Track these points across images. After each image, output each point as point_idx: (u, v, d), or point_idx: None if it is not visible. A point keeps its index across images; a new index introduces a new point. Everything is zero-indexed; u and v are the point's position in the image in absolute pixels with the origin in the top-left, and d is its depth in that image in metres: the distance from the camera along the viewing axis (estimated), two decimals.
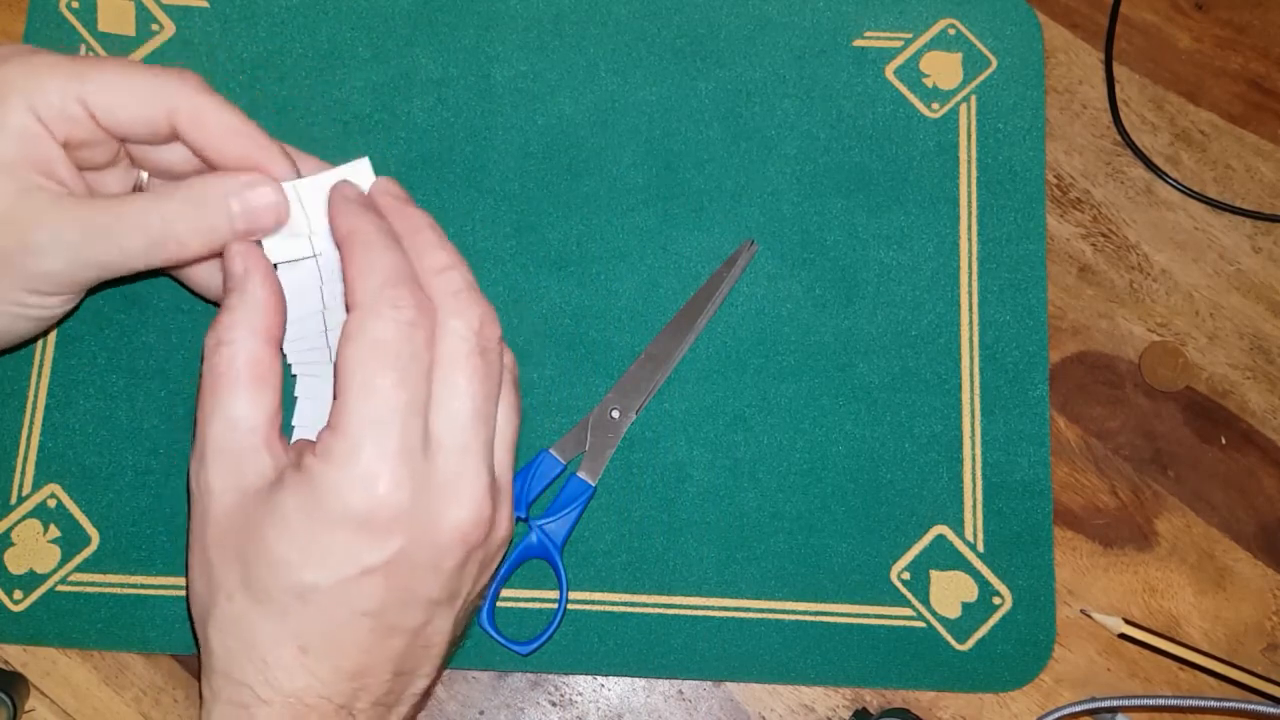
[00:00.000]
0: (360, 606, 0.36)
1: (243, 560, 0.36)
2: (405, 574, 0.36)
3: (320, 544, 0.35)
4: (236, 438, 0.36)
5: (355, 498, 0.35)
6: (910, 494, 0.49)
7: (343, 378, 0.35)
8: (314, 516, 0.35)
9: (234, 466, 0.36)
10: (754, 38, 0.53)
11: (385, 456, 0.35)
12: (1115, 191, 0.53)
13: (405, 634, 0.37)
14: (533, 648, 0.46)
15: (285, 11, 0.53)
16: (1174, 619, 0.49)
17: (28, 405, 0.49)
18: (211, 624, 0.36)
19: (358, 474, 0.35)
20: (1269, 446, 0.51)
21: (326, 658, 0.36)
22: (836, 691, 0.48)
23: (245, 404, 0.37)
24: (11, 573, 0.47)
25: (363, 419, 0.35)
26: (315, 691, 0.36)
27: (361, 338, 0.35)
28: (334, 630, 0.36)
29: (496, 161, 0.52)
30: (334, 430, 0.35)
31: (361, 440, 0.35)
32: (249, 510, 0.36)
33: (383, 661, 0.37)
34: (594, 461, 0.48)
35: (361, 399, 0.35)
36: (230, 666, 0.36)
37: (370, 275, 0.36)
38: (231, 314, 0.37)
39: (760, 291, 0.51)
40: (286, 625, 0.35)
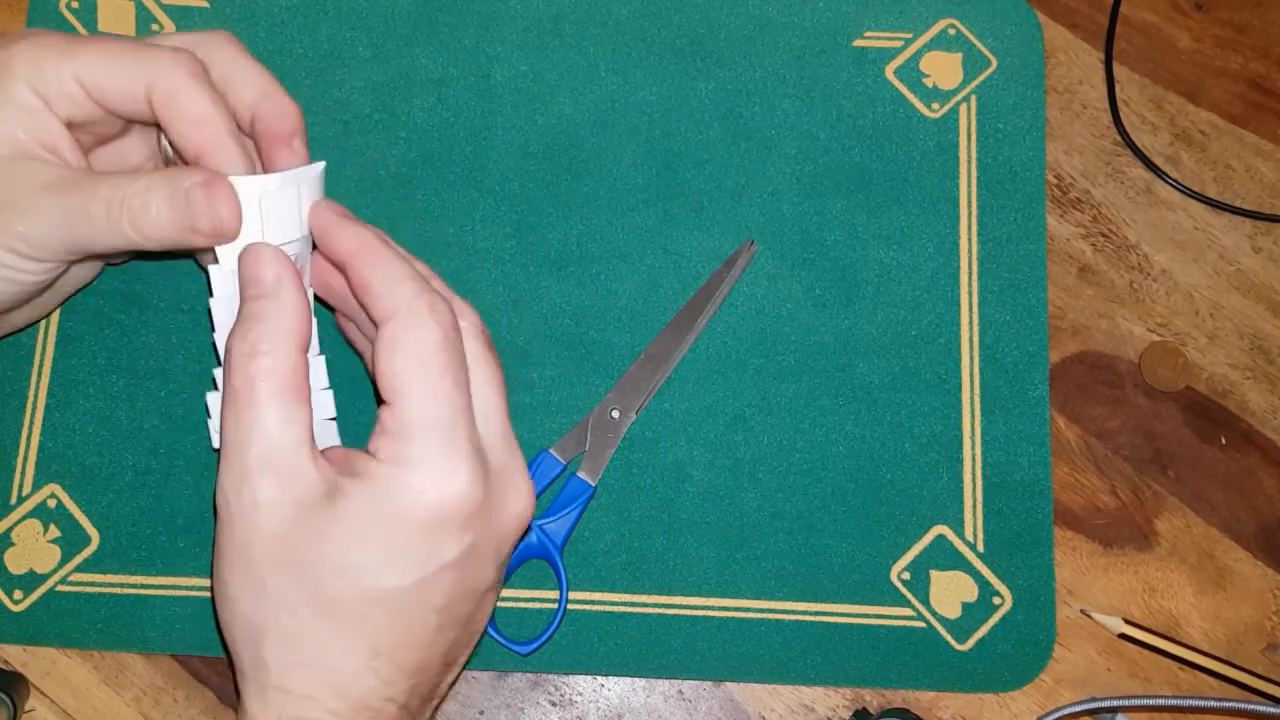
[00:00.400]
0: (433, 603, 0.36)
1: (307, 573, 0.35)
2: (473, 566, 0.37)
3: (401, 547, 0.35)
4: (283, 452, 0.36)
5: (433, 498, 0.35)
6: (910, 494, 0.49)
7: (398, 383, 0.36)
8: (392, 520, 0.35)
9: (284, 481, 0.35)
10: (754, 38, 0.53)
11: (459, 455, 0.36)
12: (1115, 191, 0.53)
13: (460, 624, 0.38)
14: (533, 648, 0.46)
15: (285, 11, 0.53)
16: (1174, 619, 0.49)
17: (28, 405, 0.49)
18: (269, 642, 0.35)
19: (433, 475, 0.35)
20: (1269, 446, 0.51)
21: (393, 658, 0.36)
22: (836, 691, 0.48)
23: (288, 417, 0.36)
24: (11, 573, 0.47)
25: (430, 421, 0.35)
26: (380, 694, 0.36)
27: (410, 344, 0.36)
28: (405, 629, 0.36)
29: (496, 161, 0.52)
30: (399, 435, 0.35)
31: (432, 442, 0.35)
32: (308, 523, 0.35)
33: (438, 655, 0.38)
34: (594, 461, 0.48)
35: (425, 402, 0.36)
36: (293, 681, 0.35)
37: (399, 283, 0.37)
38: (265, 323, 0.36)
39: (760, 291, 0.51)
40: (360, 632, 0.35)
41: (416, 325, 0.36)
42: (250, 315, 0.37)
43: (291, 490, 0.35)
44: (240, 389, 0.36)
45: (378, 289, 0.37)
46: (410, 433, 0.36)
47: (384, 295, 0.37)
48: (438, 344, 0.36)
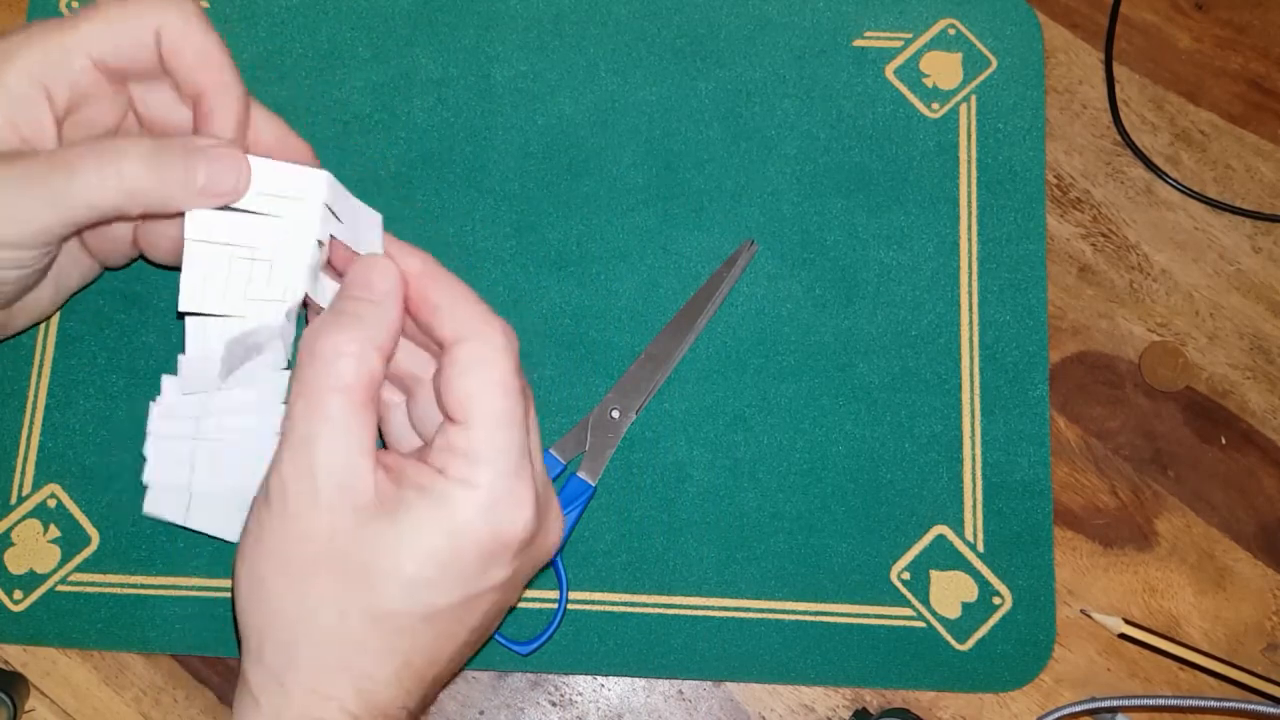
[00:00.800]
0: (470, 622, 0.37)
1: (361, 580, 0.35)
2: (512, 589, 0.38)
3: (457, 566, 0.35)
4: (351, 457, 0.35)
5: (499, 525, 0.36)
6: (910, 494, 0.49)
7: (473, 405, 0.36)
8: (456, 540, 0.35)
9: (346, 485, 0.35)
10: (754, 38, 0.53)
11: (526, 487, 0.36)
12: (1115, 191, 0.53)
13: (479, 642, 0.39)
14: (533, 648, 0.46)
15: (285, 11, 0.53)
16: (1174, 619, 0.49)
17: (28, 405, 0.49)
18: (307, 640, 0.35)
19: (503, 503, 0.36)
20: (1269, 446, 0.51)
21: (420, 671, 0.36)
22: (836, 691, 0.48)
23: (364, 426, 0.35)
24: (11, 573, 0.47)
25: (504, 448, 0.36)
26: (399, 702, 0.36)
27: (492, 368, 0.36)
28: (440, 645, 0.36)
29: (496, 161, 0.52)
30: (471, 457, 0.36)
31: (504, 469, 0.36)
32: (369, 530, 0.35)
33: (453, 668, 0.39)
34: (594, 461, 0.48)
35: (501, 428, 0.36)
36: (320, 682, 0.35)
37: (469, 305, 0.37)
38: (363, 326, 0.36)
39: (760, 291, 0.51)
40: (400, 643, 0.36)
41: (493, 348, 0.36)
42: (350, 313, 0.36)
43: (352, 496, 0.35)
44: (322, 387, 0.35)
45: (447, 310, 0.37)
46: (483, 457, 0.36)
47: (455, 316, 0.37)
48: (512, 370, 0.37)
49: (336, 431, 0.35)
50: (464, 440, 0.36)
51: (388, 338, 0.37)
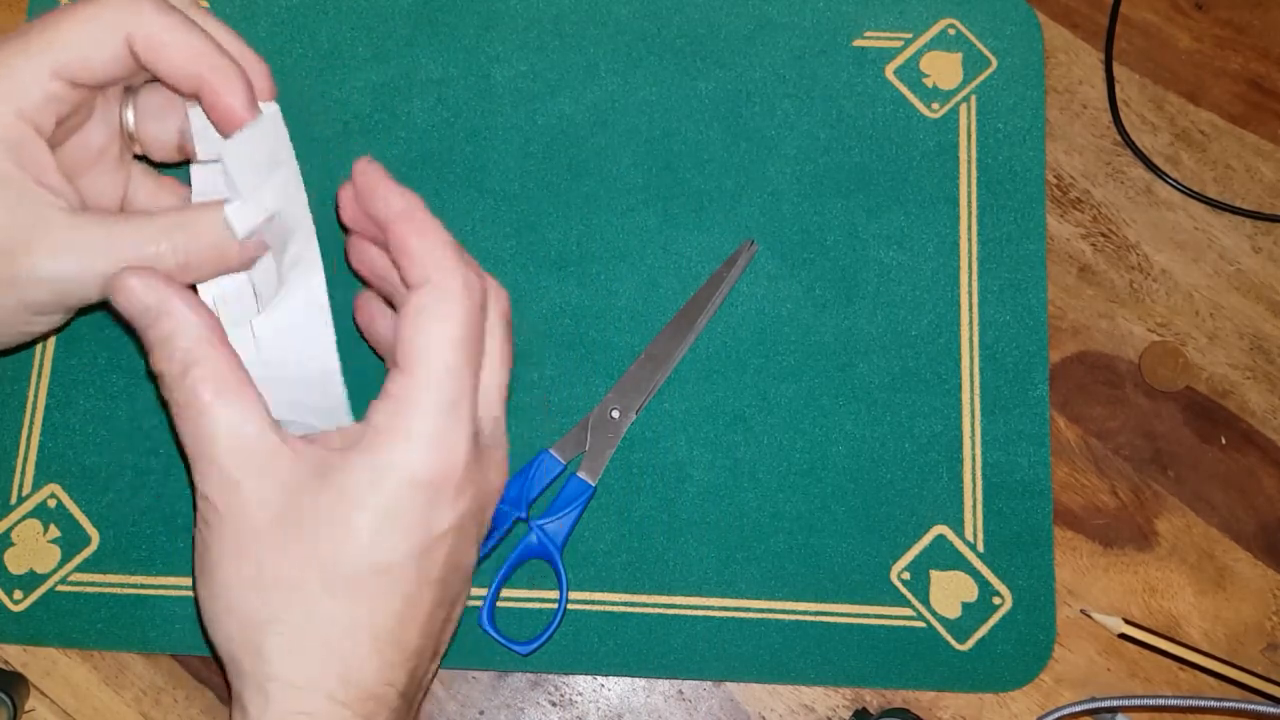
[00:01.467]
0: (430, 575, 0.36)
1: (308, 552, 0.35)
2: (462, 539, 0.38)
3: (402, 516, 0.35)
4: (250, 442, 0.36)
5: (430, 468, 0.35)
6: (910, 494, 0.49)
7: (415, 353, 0.36)
8: (392, 491, 0.35)
9: (264, 468, 0.35)
10: (754, 38, 0.53)
11: (462, 431, 0.36)
12: (1115, 191, 0.53)
13: (448, 605, 0.38)
14: (533, 648, 0.46)
15: (285, 11, 0.53)
16: (1174, 619, 0.49)
17: (28, 405, 0.49)
18: (270, 631, 0.35)
19: (433, 448, 0.35)
20: (1269, 446, 0.51)
21: (395, 637, 0.36)
22: (836, 691, 0.48)
23: (246, 408, 0.36)
24: (11, 573, 0.47)
25: (437, 398, 0.36)
26: (384, 677, 0.36)
27: (436, 316, 0.36)
28: (405, 606, 0.36)
29: (496, 161, 0.52)
30: (404, 403, 0.36)
31: (435, 417, 0.36)
32: (303, 501, 0.35)
33: (432, 637, 0.38)
34: (594, 461, 0.48)
35: (442, 379, 0.36)
36: (295, 671, 0.35)
37: (438, 250, 0.37)
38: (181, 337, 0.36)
39: (760, 291, 0.51)
40: (364, 606, 0.35)
41: (446, 298, 0.36)
42: (161, 339, 0.37)
43: (275, 475, 0.35)
44: (186, 403, 0.36)
45: (416, 253, 0.37)
46: (416, 404, 0.36)
47: (421, 260, 0.36)
48: (462, 320, 0.36)
49: (226, 429, 0.35)
50: (399, 387, 0.36)
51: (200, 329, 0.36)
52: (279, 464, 0.36)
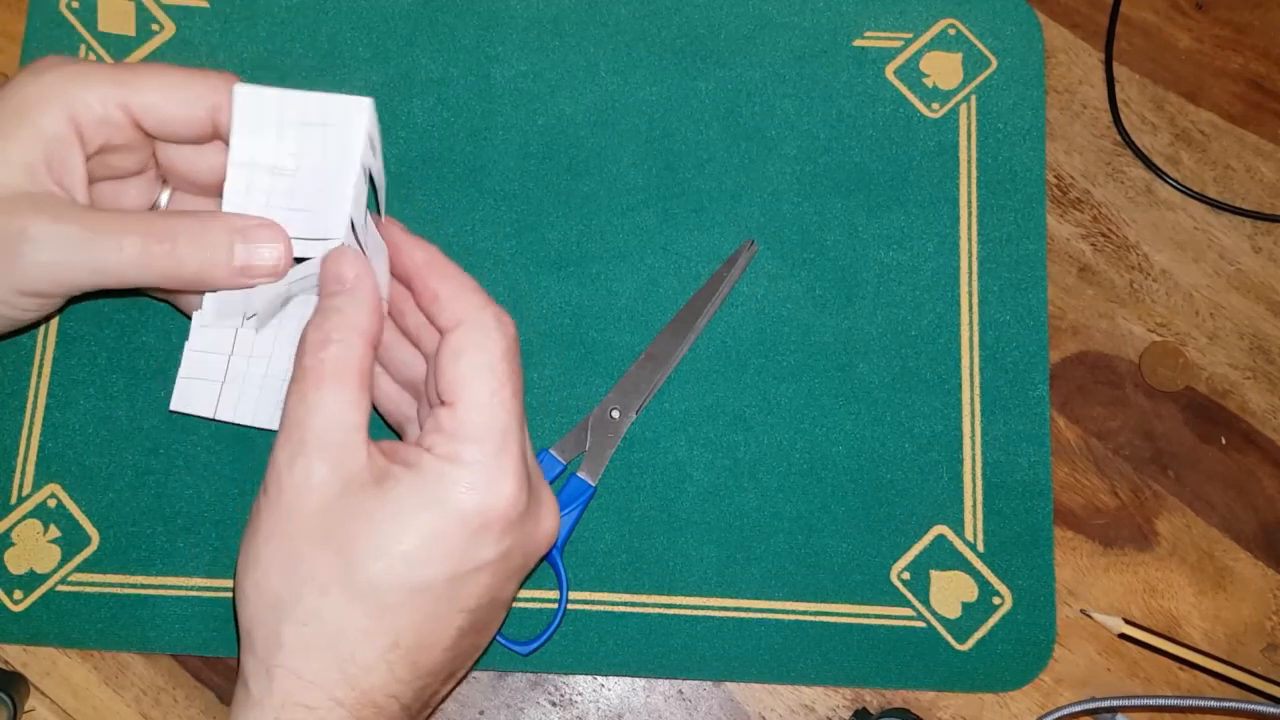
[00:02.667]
0: (462, 604, 0.37)
1: (345, 551, 0.35)
2: (503, 574, 0.38)
3: (442, 539, 0.36)
4: (343, 433, 0.37)
5: (482, 498, 0.36)
6: (910, 494, 0.49)
7: (461, 385, 0.37)
8: (438, 512, 0.36)
9: (339, 460, 0.36)
10: (754, 38, 0.53)
11: (511, 462, 0.37)
12: (1115, 191, 0.53)
13: (476, 633, 0.39)
14: (533, 648, 0.46)
15: (285, 11, 0.53)
16: (1174, 619, 0.49)
17: (28, 405, 0.49)
18: (290, 620, 0.35)
19: (486, 477, 0.36)
20: (1269, 446, 0.51)
21: (410, 654, 0.36)
22: (836, 691, 0.48)
23: (352, 401, 0.37)
24: (11, 573, 0.47)
25: (489, 426, 0.37)
26: (389, 689, 0.36)
27: (477, 350, 0.37)
28: (430, 626, 0.36)
29: (496, 161, 0.52)
30: (456, 435, 0.36)
31: (489, 446, 0.36)
32: (354, 503, 0.36)
33: (452, 663, 0.38)
34: (594, 461, 0.48)
35: (487, 407, 0.37)
36: (305, 664, 0.35)
37: (467, 293, 0.39)
38: (342, 315, 0.38)
39: (760, 291, 0.51)
40: (385, 620, 0.36)
41: (484, 333, 0.38)
42: (328, 309, 0.38)
43: (343, 470, 0.36)
44: (309, 370, 0.37)
45: (446, 298, 0.38)
46: (468, 434, 0.36)
47: (452, 304, 0.38)
48: (503, 353, 0.38)
49: (325, 411, 0.37)
50: (451, 420, 0.37)
51: (367, 322, 0.38)
52: (352, 461, 0.36)
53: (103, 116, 0.39)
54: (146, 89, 0.39)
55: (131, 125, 0.40)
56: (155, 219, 0.39)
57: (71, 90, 0.38)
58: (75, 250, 0.38)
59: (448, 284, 0.39)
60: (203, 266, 0.38)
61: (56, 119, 0.38)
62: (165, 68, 0.40)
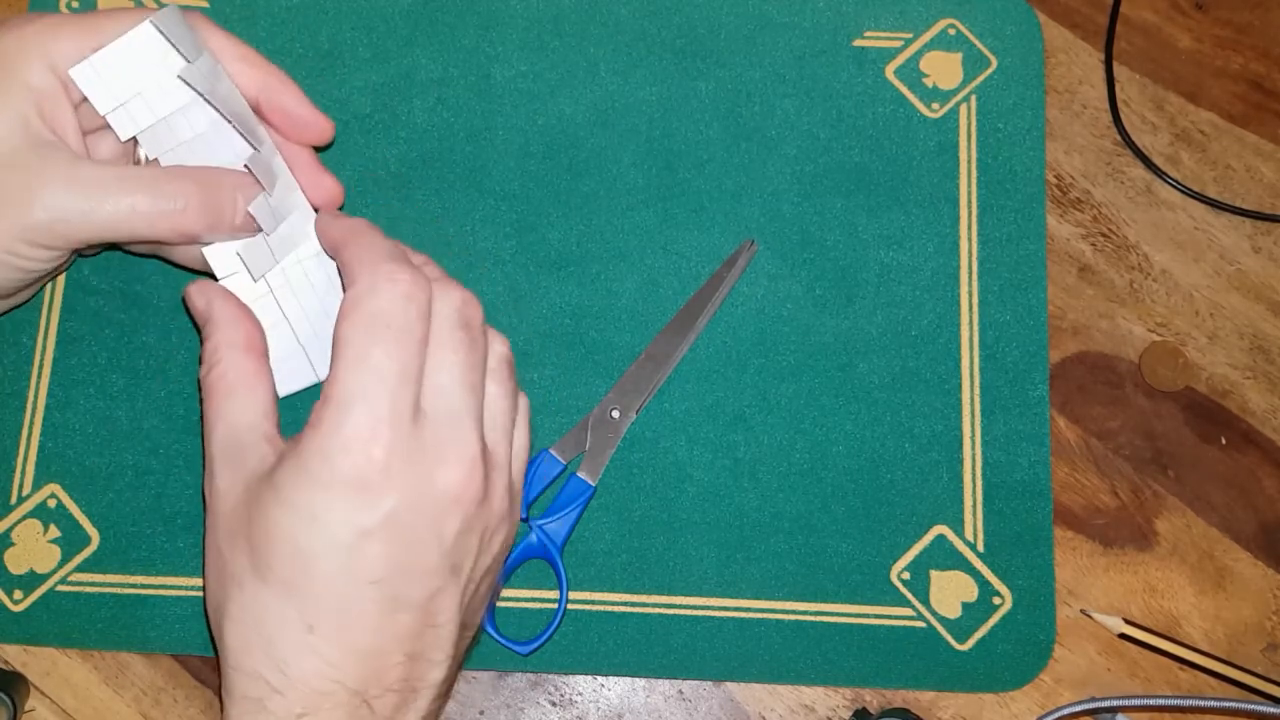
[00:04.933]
0: (363, 575, 0.36)
1: (250, 544, 0.36)
2: (403, 538, 0.36)
3: (315, 509, 0.35)
4: (237, 436, 0.39)
5: (345, 461, 0.35)
6: (910, 494, 0.49)
7: (338, 349, 0.37)
8: (307, 483, 0.36)
9: (238, 462, 0.38)
10: (754, 38, 0.53)
11: (374, 420, 0.36)
12: (1115, 191, 0.53)
13: (411, 609, 0.37)
14: (533, 648, 0.46)
15: (285, 11, 0.53)
16: (1174, 619, 0.49)
17: (28, 405, 0.49)
18: (225, 617, 0.37)
19: (346, 437, 0.36)
20: (1269, 446, 0.51)
21: (334, 636, 0.36)
22: (836, 691, 0.48)
23: (240, 405, 0.39)
24: (11, 573, 0.47)
25: (353, 387, 0.36)
26: (326, 675, 0.36)
27: (357, 311, 0.37)
28: (340, 604, 0.36)
29: (496, 161, 0.52)
30: (325, 399, 0.37)
31: (350, 406, 0.36)
32: (252, 496, 0.37)
33: (392, 640, 0.36)
34: (594, 461, 0.48)
35: (353, 368, 0.36)
36: (242, 658, 0.36)
37: (368, 254, 0.39)
38: (212, 339, 0.41)
39: (760, 291, 0.51)
40: (292, 601, 0.36)
41: (368, 294, 0.37)
42: (203, 340, 0.41)
43: (244, 471, 0.38)
44: (204, 394, 0.40)
45: (350, 263, 0.39)
46: (334, 397, 0.36)
47: (353, 268, 0.39)
48: (380, 312, 0.37)
49: (223, 422, 0.39)
50: (326, 384, 0.37)
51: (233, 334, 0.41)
52: (250, 459, 0.38)
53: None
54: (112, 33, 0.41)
55: None
56: (163, 175, 0.41)
57: (49, 43, 0.40)
58: (86, 206, 0.39)
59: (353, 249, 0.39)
60: (209, 219, 0.41)
61: (40, 72, 0.40)
62: (133, 12, 0.41)
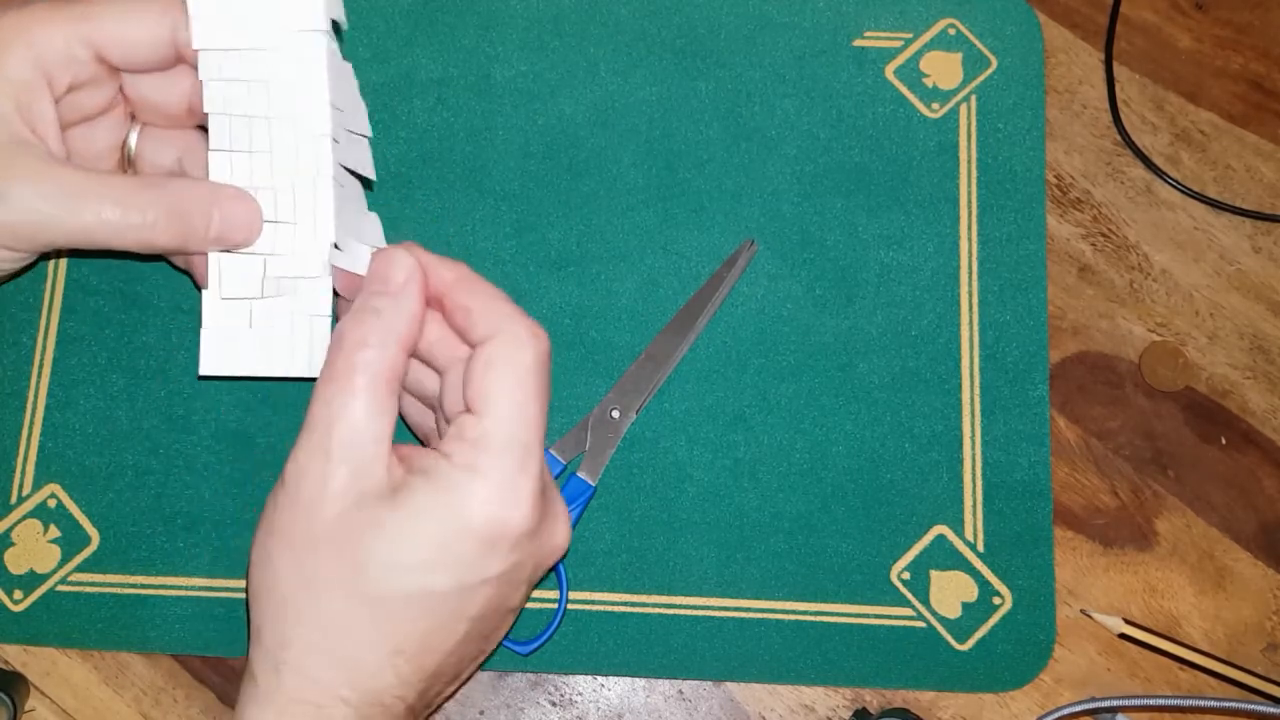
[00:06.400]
0: (467, 613, 0.37)
1: (356, 560, 0.35)
2: (510, 585, 0.38)
3: (452, 551, 0.36)
4: (365, 442, 0.36)
5: (495, 513, 0.36)
6: (910, 494, 0.49)
7: (490, 395, 0.37)
8: (450, 524, 0.36)
9: (358, 470, 0.36)
10: (754, 38, 0.53)
11: (529, 479, 0.36)
12: (1115, 191, 0.53)
13: (481, 639, 0.39)
14: (533, 648, 0.46)
15: None
16: (1174, 619, 0.49)
17: (28, 405, 0.49)
18: (298, 620, 0.36)
19: (501, 492, 0.36)
20: (1269, 446, 0.51)
21: (415, 659, 0.36)
22: (836, 691, 0.48)
23: (380, 412, 0.37)
24: (11, 573, 0.47)
25: (511, 440, 0.36)
26: (394, 691, 0.36)
27: (508, 362, 0.37)
28: (435, 634, 0.36)
29: (496, 161, 0.52)
30: (477, 445, 0.36)
31: (509, 460, 0.36)
32: (368, 513, 0.36)
33: (456, 665, 0.38)
34: (594, 461, 0.48)
35: (512, 420, 0.36)
36: (311, 664, 0.35)
37: (499, 306, 0.38)
38: (383, 319, 0.37)
39: (760, 291, 0.51)
40: (390, 627, 0.36)
41: (516, 345, 0.37)
42: (369, 309, 0.38)
43: (361, 480, 0.36)
44: (340, 372, 0.37)
45: (479, 311, 0.38)
46: (489, 445, 0.36)
47: (485, 316, 0.38)
48: (532, 367, 0.37)
49: (355, 417, 0.36)
50: (474, 429, 0.36)
51: (407, 329, 0.38)
52: (373, 473, 0.36)
53: (67, 55, 0.39)
54: (105, 19, 0.39)
55: (96, 60, 0.39)
56: (135, 187, 0.38)
57: (32, 32, 0.38)
58: (53, 212, 0.37)
59: (478, 298, 0.38)
60: (178, 235, 0.39)
61: (21, 64, 0.38)
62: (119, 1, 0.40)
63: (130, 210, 0.38)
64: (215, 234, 0.39)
